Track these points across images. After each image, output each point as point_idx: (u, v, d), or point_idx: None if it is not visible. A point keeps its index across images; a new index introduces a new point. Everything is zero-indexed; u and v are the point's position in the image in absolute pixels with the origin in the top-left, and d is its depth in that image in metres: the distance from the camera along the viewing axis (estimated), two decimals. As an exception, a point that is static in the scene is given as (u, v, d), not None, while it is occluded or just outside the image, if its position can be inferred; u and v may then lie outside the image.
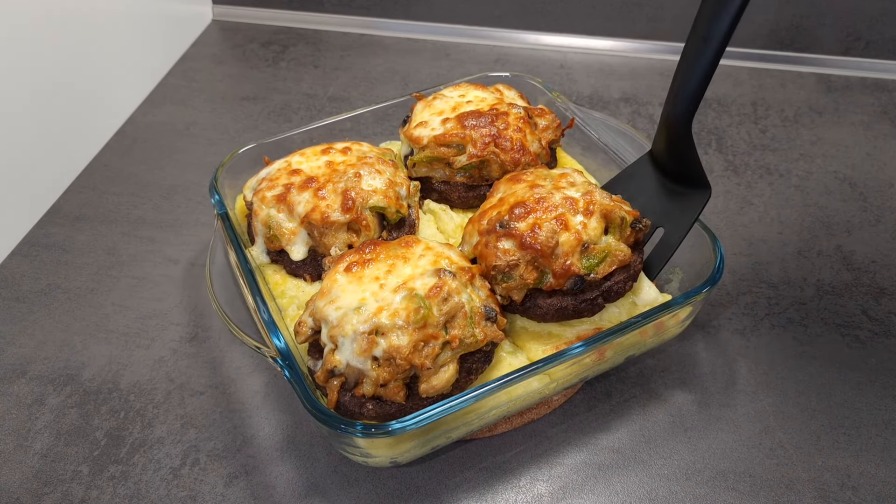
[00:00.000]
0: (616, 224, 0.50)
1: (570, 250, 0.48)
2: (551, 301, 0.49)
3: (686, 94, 0.49)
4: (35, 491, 0.54)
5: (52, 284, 0.72)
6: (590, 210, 0.49)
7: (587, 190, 0.51)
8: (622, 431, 0.57)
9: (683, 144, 0.52)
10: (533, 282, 0.49)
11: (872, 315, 0.66)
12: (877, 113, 0.93)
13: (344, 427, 0.45)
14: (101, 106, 0.90)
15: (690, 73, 0.48)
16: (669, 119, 0.52)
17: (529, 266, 0.49)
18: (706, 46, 0.47)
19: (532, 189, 0.51)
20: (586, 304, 0.50)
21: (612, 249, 0.49)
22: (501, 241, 0.49)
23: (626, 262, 0.50)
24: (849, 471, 0.54)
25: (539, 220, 0.49)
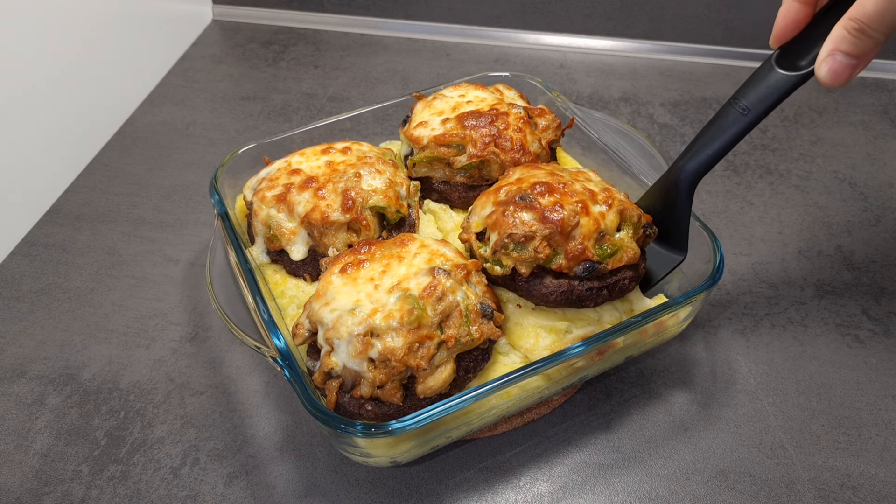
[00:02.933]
0: (631, 222, 0.50)
1: (588, 235, 0.48)
2: (559, 282, 0.49)
3: (706, 156, 0.50)
4: (35, 491, 0.54)
5: (52, 284, 0.72)
6: (609, 202, 0.49)
7: (605, 186, 0.52)
8: (622, 431, 0.57)
9: (681, 203, 0.52)
10: (545, 258, 0.48)
11: (872, 315, 0.66)
12: (877, 113, 0.93)
13: (344, 427, 0.45)
14: (102, 105, 0.90)
15: (718, 137, 0.49)
16: (679, 174, 0.51)
17: (545, 241, 0.48)
18: (744, 118, 0.47)
19: (553, 175, 0.52)
20: (591, 293, 0.49)
21: (624, 245, 0.49)
22: (521, 212, 0.49)
23: (635, 261, 0.49)
24: (849, 471, 0.54)
25: (562, 200, 0.49)
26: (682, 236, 0.53)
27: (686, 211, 0.52)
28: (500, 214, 0.50)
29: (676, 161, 0.52)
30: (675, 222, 0.53)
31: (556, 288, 0.49)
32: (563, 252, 0.48)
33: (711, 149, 0.50)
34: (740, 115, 0.48)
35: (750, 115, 0.48)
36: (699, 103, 0.96)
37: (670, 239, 0.55)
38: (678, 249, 0.54)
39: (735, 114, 0.48)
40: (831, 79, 0.42)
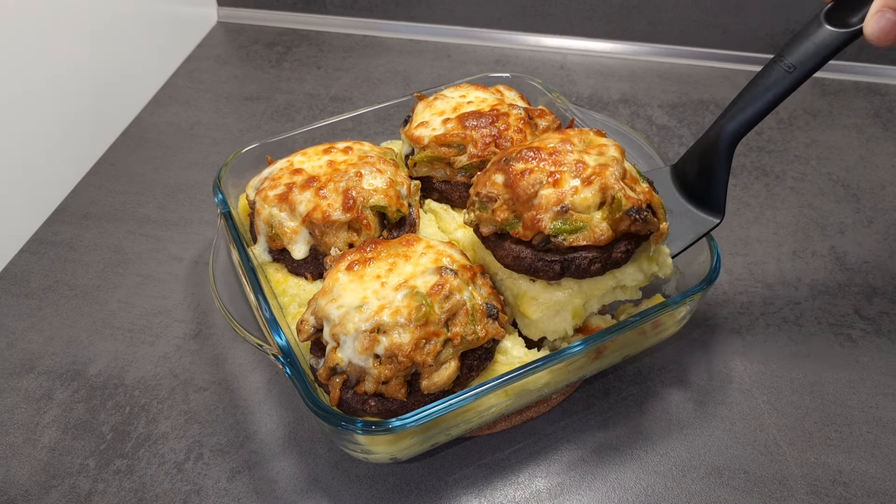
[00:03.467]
0: (618, 206, 0.47)
1: (546, 207, 0.46)
2: (516, 248, 0.48)
3: (747, 116, 0.48)
4: (43, 483, 0.55)
5: (59, 281, 0.73)
6: (590, 180, 0.46)
7: (604, 163, 0.48)
8: (619, 429, 0.58)
9: (719, 164, 0.50)
10: (501, 222, 0.48)
11: (865, 315, 0.67)
12: (869, 116, 0.94)
13: (345, 424, 0.46)
14: (108, 106, 0.91)
15: (761, 96, 0.47)
16: (718, 133, 0.49)
17: (505, 205, 0.47)
18: (790, 76, 0.45)
19: (561, 143, 0.50)
20: (542, 265, 0.48)
21: (591, 224, 0.46)
22: (496, 174, 0.49)
23: (601, 244, 0.46)
24: (840, 467, 0.55)
25: (535, 168, 0.47)
26: (719, 198, 0.51)
27: (724, 172, 0.50)
28: (483, 172, 0.50)
29: (717, 120, 0.49)
30: (711, 183, 0.51)
31: (510, 253, 0.48)
32: (522, 220, 0.47)
33: (754, 108, 0.47)
34: (786, 74, 0.45)
35: (796, 73, 0.45)
36: (697, 105, 0.97)
37: (706, 200, 0.52)
38: (714, 212, 0.51)
39: (780, 72, 0.46)
40: (879, 36, 0.41)
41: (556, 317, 0.52)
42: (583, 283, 0.50)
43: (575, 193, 0.46)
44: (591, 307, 0.53)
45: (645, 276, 0.51)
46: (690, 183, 0.53)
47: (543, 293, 0.51)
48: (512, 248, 0.48)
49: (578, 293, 0.51)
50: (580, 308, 0.52)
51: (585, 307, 0.52)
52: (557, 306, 0.51)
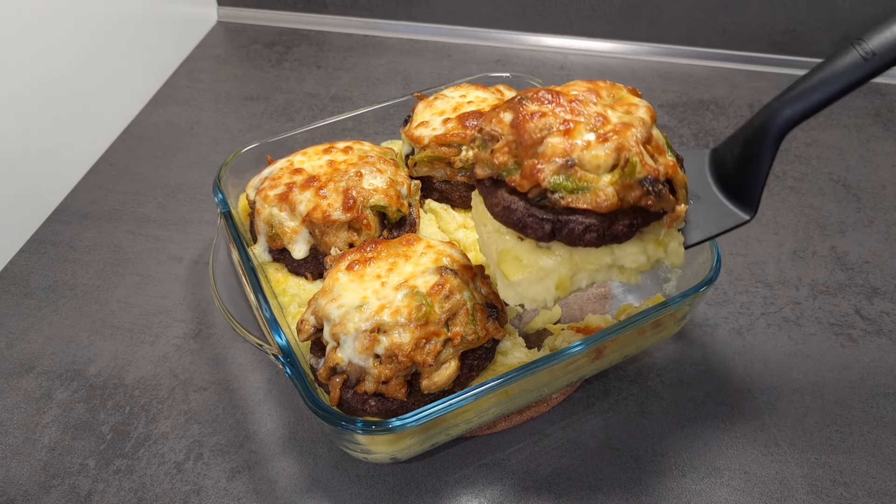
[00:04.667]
0: (620, 166, 0.40)
1: (551, 157, 0.40)
2: (508, 197, 0.42)
3: (809, 103, 0.41)
4: (43, 483, 0.55)
5: (59, 281, 0.73)
6: (606, 136, 0.40)
7: (628, 122, 0.41)
8: (619, 429, 0.58)
9: (764, 153, 0.43)
10: (499, 165, 0.41)
11: (865, 315, 0.67)
12: (870, 116, 0.94)
13: (345, 424, 0.45)
14: (108, 106, 0.91)
15: (830, 83, 0.40)
16: (769, 117, 0.42)
17: (507, 148, 0.41)
18: (867, 64, 0.39)
19: (587, 92, 0.43)
20: (533, 221, 0.41)
21: (595, 186, 0.40)
22: (506, 112, 0.42)
23: (604, 210, 0.40)
24: (841, 467, 0.55)
25: (549, 112, 0.41)
26: (755, 192, 0.44)
27: (766, 161, 0.43)
28: (492, 109, 0.44)
29: (771, 102, 0.42)
30: (749, 174, 0.44)
31: (501, 202, 0.42)
32: (521, 168, 0.40)
33: (819, 94, 0.40)
34: (862, 61, 0.39)
35: (875, 61, 0.38)
36: (697, 105, 0.97)
37: (740, 193, 0.45)
38: (746, 207, 0.45)
39: (856, 58, 0.39)
40: None
41: (537, 283, 0.44)
42: (574, 252, 0.43)
43: (586, 148, 0.39)
44: (580, 281, 0.45)
45: (648, 260, 0.44)
46: (727, 171, 0.46)
47: (529, 254, 0.44)
48: (504, 196, 0.42)
49: (568, 262, 0.44)
50: (566, 279, 0.45)
51: (573, 280, 0.45)
52: (542, 272, 0.44)
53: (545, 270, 0.44)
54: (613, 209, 0.40)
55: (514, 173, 0.41)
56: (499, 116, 0.42)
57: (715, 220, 0.46)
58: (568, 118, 0.41)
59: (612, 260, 0.44)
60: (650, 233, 0.44)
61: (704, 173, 0.48)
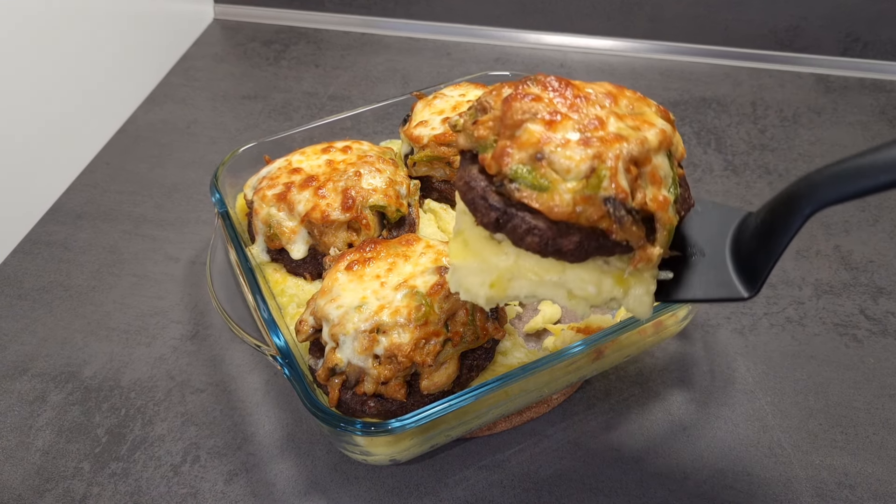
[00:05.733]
0: (598, 181, 0.35)
1: (523, 144, 0.36)
2: (476, 174, 0.38)
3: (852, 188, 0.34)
4: (37, 487, 0.54)
5: (53, 282, 0.72)
6: (590, 141, 0.36)
7: (626, 135, 0.37)
8: (620, 430, 0.58)
9: (786, 229, 0.37)
10: (477, 139, 0.38)
11: (870, 314, 0.67)
12: (875, 113, 0.93)
13: (343, 425, 0.45)
14: (103, 104, 0.91)
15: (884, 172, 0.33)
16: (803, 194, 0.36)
17: (490, 122, 0.38)
18: None
19: (602, 95, 0.39)
20: (482, 204, 0.37)
21: (559, 191, 0.35)
22: (508, 87, 0.39)
23: (554, 217, 0.36)
24: (846, 469, 0.55)
25: (544, 98, 0.37)
26: (763, 268, 0.38)
27: (785, 239, 0.37)
28: (502, 83, 0.41)
29: (813, 173, 0.36)
30: (764, 246, 0.38)
31: (465, 176, 0.39)
32: (494, 148, 0.37)
33: (869, 182, 0.33)
34: None
35: None
36: (698, 103, 0.96)
37: (748, 264, 0.40)
38: (749, 281, 0.39)
39: None
40: None
41: (475, 274, 0.41)
42: (521, 256, 0.39)
43: (562, 146, 0.36)
44: (518, 289, 0.41)
45: (599, 295, 0.40)
46: (745, 238, 0.41)
47: (478, 242, 0.41)
48: (472, 172, 0.39)
49: (512, 263, 0.40)
50: (504, 281, 0.41)
51: (510, 284, 0.41)
52: (482, 264, 0.40)
53: (486, 263, 0.41)
54: (565, 219, 0.36)
55: (488, 150, 0.38)
56: (500, 89, 0.39)
57: (709, 285, 0.41)
58: (561, 110, 0.37)
59: (558, 279, 0.40)
60: (615, 266, 0.39)
61: (726, 233, 0.43)
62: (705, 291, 0.41)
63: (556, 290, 0.41)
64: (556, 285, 0.41)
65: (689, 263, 0.42)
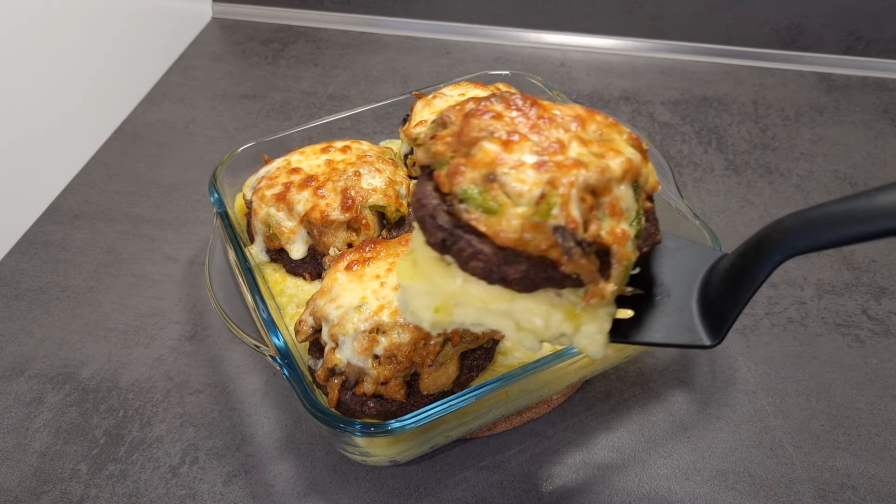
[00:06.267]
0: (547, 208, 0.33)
1: (478, 163, 0.34)
2: (430, 191, 0.36)
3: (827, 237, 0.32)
4: (34, 489, 0.54)
5: (50, 282, 0.72)
6: (546, 165, 0.33)
7: (587, 162, 0.35)
8: (622, 431, 0.57)
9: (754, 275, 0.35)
10: (434, 154, 0.36)
11: (872, 315, 0.66)
12: (877, 112, 0.93)
13: (343, 426, 0.45)
14: (101, 103, 0.90)
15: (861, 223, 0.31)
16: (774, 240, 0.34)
17: (449, 138, 0.36)
18: None
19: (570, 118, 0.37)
20: (431, 223, 0.35)
21: (507, 214, 0.33)
22: (472, 103, 0.38)
23: (500, 243, 0.34)
24: (848, 470, 0.54)
25: (504, 116, 0.36)
26: (728, 315, 0.37)
27: (753, 285, 0.35)
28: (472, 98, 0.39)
29: (787, 218, 0.34)
30: (731, 291, 0.37)
31: (419, 192, 0.37)
32: (449, 163, 0.35)
33: (844, 232, 0.31)
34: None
35: None
36: (700, 102, 0.96)
37: (713, 309, 0.38)
38: (712, 327, 0.38)
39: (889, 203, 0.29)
40: None
41: (420, 296, 0.39)
42: (469, 281, 0.37)
43: (515, 168, 0.34)
44: (464, 316, 0.39)
45: (547, 329, 0.37)
46: (714, 280, 0.39)
47: (427, 262, 0.38)
48: (426, 189, 0.36)
49: (459, 289, 0.37)
50: (450, 306, 0.38)
51: (455, 311, 0.39)
52: (430, 286, 0.38)
53: (433, 286, 0.38)
54: (512, 245, 0.34)
55: (444, 168, 0.36)
56: (465, 105, 0.38)
57: (671, 328, 0.39)
58: (521, 131, 0.35)
59: (506, 308, 0.38)
60: (568, 300, 0.37)
61: (697, 274, 0.41)
62: (666, 335, 0.39)
63: (503, 320, 0.38)
64: (503, 315, 0.38)
65: (653, 303, 0.40)
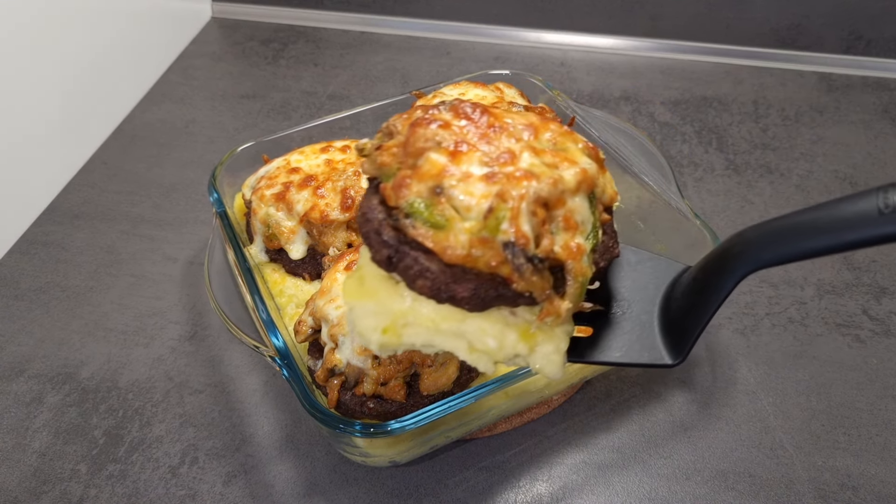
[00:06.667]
0: (495, 223, 0.31)
1: (423, 175, 0.32)
2: (374, 205, 0.34)
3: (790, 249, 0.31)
4: (33, 490, 0.54)
5: (50, 282, 0.72)
6: (496, 177, 0.32)
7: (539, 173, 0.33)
8: (622, 431, 0.57)
9: (716, 291, 0.34)
10: (380, 165, 0.34)
11: (873, 315, 0.66)
12: (878, 112, 0.93)
13: (343, 427, 0.45)
14: (100, 103, 0.90)
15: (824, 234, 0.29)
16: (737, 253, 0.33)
17: (395, 149, 0.34)
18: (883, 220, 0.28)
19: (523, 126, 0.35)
20: (377, 240, 0.34)
21: (455, 230, 0.31)
22: (420, 110, 0.36)
23: (447, 260, 0.32)
24: (849, 471, 0.54)
25: (452, 125, 0.34)
26: (690, 332, 0.35)
27: (715, 301, 0.34)
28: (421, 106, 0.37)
29: (749, 229, 0.33)
30: (693, 307, 0.36)
31: (365, 206, 0.35)
32: (396, 175, 0.33)
33: (809, 244, 0.30)
34: (878, 215, 0.28)
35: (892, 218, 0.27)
36: (700, 102, 0.96)
37: (675, 326, 0.37)
38: (675, 345, 0.36)
39: (872, 208, 0.28)
40: None
41: (367, 316, 0.37)
42: (419, 300, 0.35)
43: (462, 180, 0.32)
44: (413, 338, 0.37)
45: (500, 350, 0.36)
46: (676, 296, 0.38)
47: (374, 280, 0.36)
48: (372, 202, 0.35)
49: (408, 309, 0.36)
50: (398, 326, 0.36)
51: (404, 331, 0.37)
52: (377, 305, 0.36)
53: (381, 305, 0.36)
54: (460, 262, 0.32)
55: (390, 180, 0.34)
56: (413, 113, 0.36)
57: (631, 346, 0.37)
58: (471, 140, 0.33)
59: (457, 328, 0.36)
60: (523, 318, 0.35)
61: (659, 289, 0.39)
62: (626, 354, 0.37)
63: (455, 340, 0.36)
64: (455, 335, 0.36)
65: (613, 320, 0.38)
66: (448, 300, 0.33)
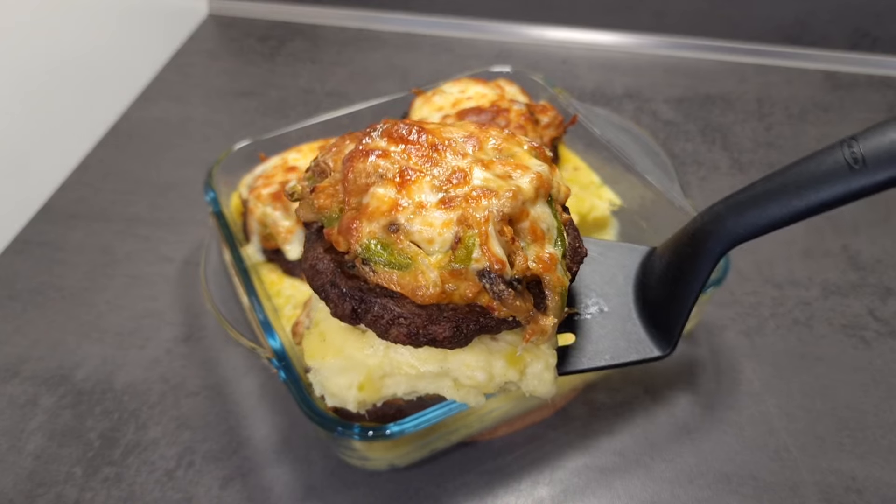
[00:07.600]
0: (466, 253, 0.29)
1: (373, 213, 0.30)
2: (322, 254, 0.32)
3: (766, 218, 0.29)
4: (28, 493, 0.53)
5: (45, 283, 0.71)
6: (453, 202, 0.29)
7: (495, 188, 0.30)
8: (624, 434, 0.57)
9: (695, 273, 0.32)
10: (319, 209, 0.32)
11: (879, 315, 0.66)
12: (883, 110, 0.92)
13: (341, 430, 0.44)
14: (95, 101, 0.89)
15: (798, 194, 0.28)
16: (709, 230, 0.31)
17: (331, 189, 0.31)
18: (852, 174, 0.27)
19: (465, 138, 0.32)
20: (335, 293, 0.31)
21: (419, 267, 0.29)
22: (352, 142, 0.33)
23: (420, 301, 0.29)
24: (854, 474, 0.54)
25: (391, 153, 0.31)
26: (676, 321, 0.34)
27: (697, 284, 0.32)
28: (343, 136, 0.34)
29: (717, 203, 0.31)
30: (674, 294, 0.34)
31: (311, 258, 0.32)
32: (341, 218, 0.31)
33: (779, 209, 0.28)
34: (847, 168, 0.27)
35: (865, 173, 0.26)
36: (703, 100, 0.95)
37: (658, 316, 0.35)
38: (662, 336, 0.35)
39: (840, 163, 0.27)
40: None
41: (339, 375, 0.34)
42: (392, 347, 0.33)
43: (418, 210, 0.29)
44: (394, 388, 0.35)
45: (490, 380, 0.33)
46: (651, 284, 0.36)
47: (337, 334, 0.34)
48: (318, 252, 0.32)
49: (382, 358, 0.34)
50: (375, 379, 0.34)
51: (382, 383, 0.35)
52: (346, 361, 0.34)
53: (350, 360, 0.33)
54: (434, 301, 0.29)
55: (334, 224, 0.31)
56: (342, 146, 0.32)
57: (618, 346, 0.35)
58: (414, 165, 0.30)
59: (440, 368, 0.33)
60: (506, 341, 0.33)
61: (629, 279, 0.36)
62: (615, 354, 0.35)
63: (440, 381, 0.34)
64: (439, 376, 0.34)
65: (594, 321, 0.36)
66: (428, 343, 0.30)
